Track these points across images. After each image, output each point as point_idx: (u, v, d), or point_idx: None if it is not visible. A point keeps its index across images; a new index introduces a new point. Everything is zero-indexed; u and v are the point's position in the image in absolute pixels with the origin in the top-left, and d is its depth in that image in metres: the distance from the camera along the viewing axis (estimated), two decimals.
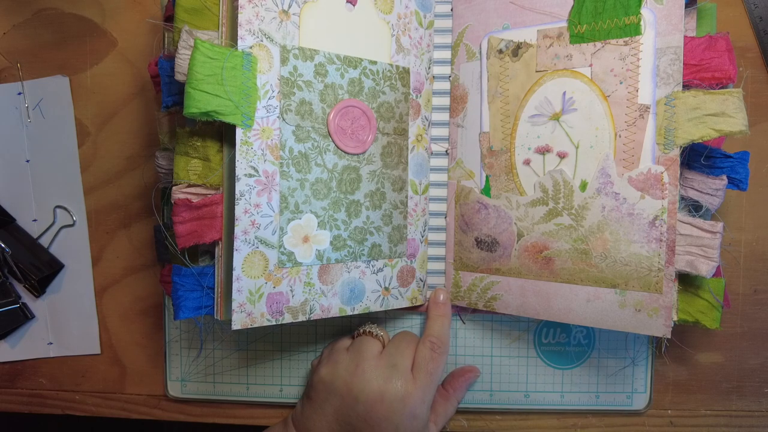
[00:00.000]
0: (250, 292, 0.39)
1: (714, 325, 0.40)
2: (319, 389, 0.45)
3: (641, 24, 0.40)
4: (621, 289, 0.41)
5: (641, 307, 0.40)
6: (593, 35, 0.41)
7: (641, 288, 0.40)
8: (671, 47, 0.39)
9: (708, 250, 0.39)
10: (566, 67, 0.42)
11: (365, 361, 0.43)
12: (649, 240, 0.40)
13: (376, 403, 0.42)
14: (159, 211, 0.48)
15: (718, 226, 0.39)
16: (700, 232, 0.39)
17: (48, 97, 0.52)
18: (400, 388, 0.42)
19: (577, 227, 0.42)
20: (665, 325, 0.40)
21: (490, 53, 0.45)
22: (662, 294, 0.40)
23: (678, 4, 0.39)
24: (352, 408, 0.42)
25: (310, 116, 0.41)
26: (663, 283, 0.40)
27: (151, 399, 0.53)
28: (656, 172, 0.40)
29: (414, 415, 0.42)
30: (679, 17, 0.39)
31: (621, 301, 0.41)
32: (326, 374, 0.44)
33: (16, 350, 0.54)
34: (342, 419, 0.43)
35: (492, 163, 0.46)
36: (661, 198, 0.40)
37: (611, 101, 0.41)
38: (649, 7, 0.39)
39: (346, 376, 0.43)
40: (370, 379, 0.42)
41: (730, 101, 0.37)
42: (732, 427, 0.50)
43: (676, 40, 0.39)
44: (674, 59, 0.39)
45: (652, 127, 0.40)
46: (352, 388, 0.42)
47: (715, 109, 0.37)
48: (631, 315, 0.41)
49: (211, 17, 0.40)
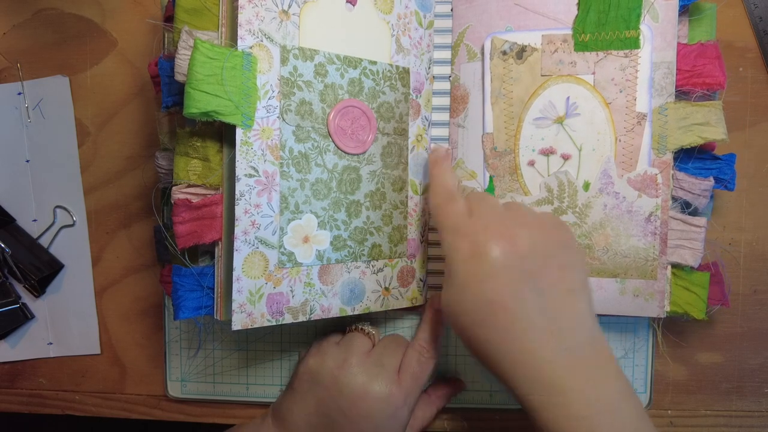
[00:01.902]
0: (250, 292, 0.39)
1: (701, 315, 0.43)
2: (304, 379, 0.45)
3: (640, 38, 0.43)
4: (621, 278, 0.44)
5: (639, 293, 0.44)
6: (596, 45, 0.43)
7: (639, 276, 0.44)
8: (665, 62, 0.43)
9: (694, 242, 0.43)
10: (570, 73, 0.44)
11: (353, 356, 0.43)
12: (645, 234, 0.44)
13: (359, 400, 0.42)
14: (159, 212, 0.48)
15: (702, 221, 0.43)
16: (687, 227, 0.43)
17: (48, 97, 0.52)
18: (385, 388, 0.42)
19: (581, 224, 0.45)
20: (659, 306, 0.44)
21: (494, 54, 0.46)
22: (656, 280, 0.44)
23: (671, 22, 0.42)
24: (335, 401, 0.42)
25: (310, 116, 0.41)
26: (657, 271, 0.44)
27: (151, 399, 0.53)
28: (651, 174, 0.43)
29: (395, 417, 0.43)
30: (673, 35, 0.42)
31: (621, 289, 0.44)
32: (313, 364, 0.44)
33: (16, 350, 0.54)
34: (322, 411, 0.43)
35: (496, 164, 0.46)
36: (656, 197, 0.43)
37: (612, 108, 0.44)
38: (646, 23, 0.42)
39: (333, 368, 0.43)
40: (356, 374, 0.42)
41: (712, 112, 0.42)
42: (732, 427, 0.50)
43: (669, 55, 0.42)
44: (667, 73, 0.43)
45: (648, 133, 0.43)
46: (338, 381, 0.42)
47: (700, 119, 0.42)
48: (630, 300, 0.44)
49: (211, 17, 0.40)
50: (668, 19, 0.42)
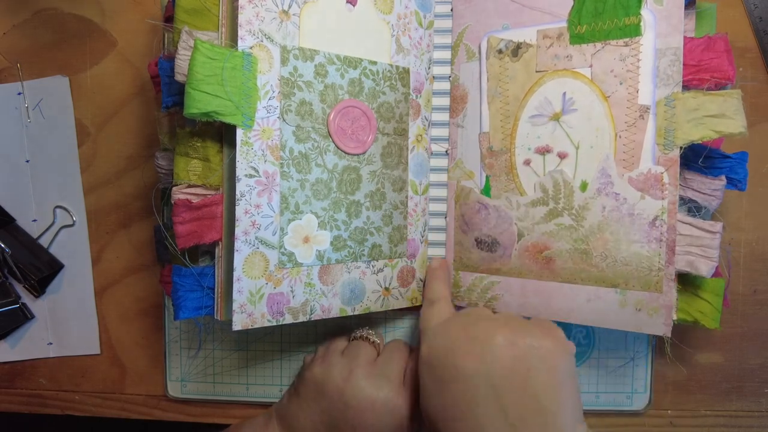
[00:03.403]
0: (250, 292, 0.39)
1: (713, 325, 0.40)
2: (309, 387, 0.45)
3: (641, 25, 0.40)
4: (621, 289, 0.41)
5: (641, 307, 0.40)
6: (593, 36, 0.41)
7: (641, 288, 0.40)
8: (671, 48, 0.39)
9: (708, 250, 0.39)
10: (566, 67, 0.42)
11: (359, 368, 0.43)
12: (649, 240, 0.40)
13: (366, 411, 0.42)
14: (159, 212, 0.48)
15: (717, 226, 0.39)
16: (699, 232, 0.39)
17: (48, 97, 0.52)
18: (391, 399, 0.42)
19: (577, 227, 0.42)
20: (665, 324, 0.40)
21: (490, 53, 0.45)
22: (662, 293, 0.40)
23: (677, 5, 0.39)
24: (341, 412, 0.42)
25: (311, 116, 0.41)
26: (663, 283, 0.40)
27: (151, 399, 0.53)
28: (656, 173, 0.40)
29: (400, 427, 0.43)
30: (679, 18, 0.39)
31: (621, 301, 0.41)
32: (319, 374, 0.44)
33: (15, 350, 0.54)
34: (328, 420, 0.43)
35: (492, 163, 0.46)
36: (661, 198, 0.40)
37: (611, 102, 0.41)
38: (649, 8, 0.40)
39: (339, 380, 0.43)
40: (363, 387, 0.43)
41: (729, 102, 0.37)
42: (732, 427, 0.50)
43: (675, 41, 0.39)
44: (674, 60, 0.39)
45: (652, 127, 0.40)
46: (344, 394, 0.43)
47: (714, 111, 0.37)
48: (631, 314, 0.41)
49: (211, 18, 0.40)
50: (674, 1, 0.39)
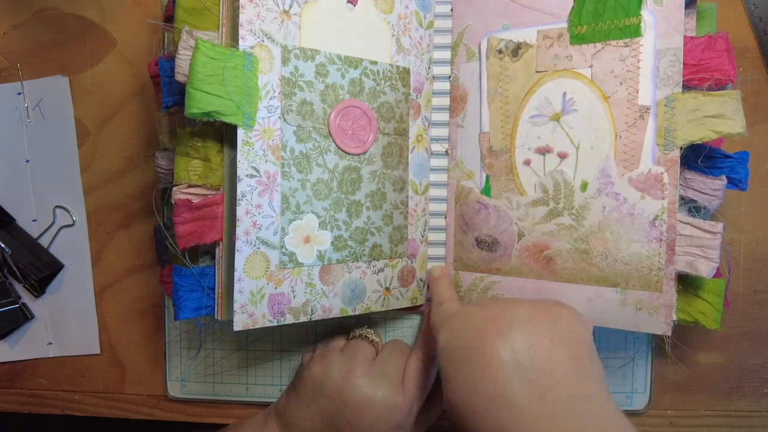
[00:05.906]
0: (251, 293, 0.39)
1: (714, 325, 0.40)
2: (308, 386, 0.45)
3: (641, 25, 0.40)
4: (621, 288, 0.41)
5: (642, 306, 0.40)
6: (593, 36, 0.41)
7: (641, 287, 0.40)
8: (671, 49, 0.39)
9: (708, 250, 0.39)
10: (566, 67, 0.43)
11: (358, 366, 0.43)
12: (650, 240, 0.40)
13: (365, 410, 0.42)
14: (159, 212, 0.48)
15: (718, 227, 0.39)
16: (700, 233, 0.39)
17: (48, 97, 0.52)
18: (390, 398, 0.42)
19: (577, 227, 0.42)
20: (665, 323, 0.40)
21: (490, 53, 0.45)
22: (662, 293, 0.40)
23: (677, 6, 0.39)
24: (340, 411, 0.42)
25: (311, 116, 0.41)
26: (663, 282, 0.40)
27: (151, 399, 0.53)
28: (656, 173, 0.40)
29: (399, 425, 0.43)
30: (679, 19, 0.39)
31: (621, 300, 0.41)
32: (318, 373, 0.44)
33: (15, 350, 0.54)
34: (327, 419, 0.43)
35: (492, 163, 0.46)
36: (661, 198, 0.40)
37: (611, 102, 0.41)
38: (649, 8, 0.40)
39: (338, 379, 0.43)
40: (361, 386, 0.42)
41: (728, 103, 0.37)
42: (732, 427, 0.50)
43: (675, 41, 0.39)
44: (674, 61, 0.39)
45: (652, 128, 0.40)
46: (342, 392, 0.43)
47: (713, 111, 0.37)
48: (631, 313, 0.41)
49: (211, 18, 0.40)
50: (674, 1, 0.39)
